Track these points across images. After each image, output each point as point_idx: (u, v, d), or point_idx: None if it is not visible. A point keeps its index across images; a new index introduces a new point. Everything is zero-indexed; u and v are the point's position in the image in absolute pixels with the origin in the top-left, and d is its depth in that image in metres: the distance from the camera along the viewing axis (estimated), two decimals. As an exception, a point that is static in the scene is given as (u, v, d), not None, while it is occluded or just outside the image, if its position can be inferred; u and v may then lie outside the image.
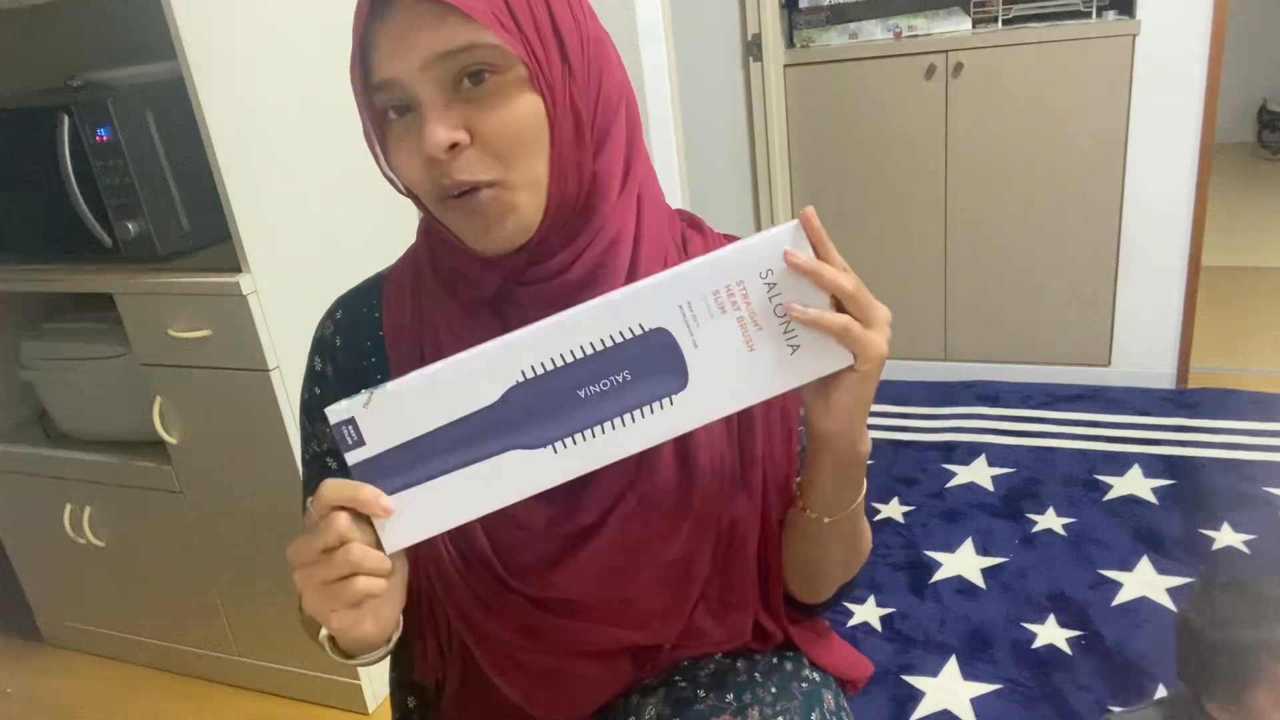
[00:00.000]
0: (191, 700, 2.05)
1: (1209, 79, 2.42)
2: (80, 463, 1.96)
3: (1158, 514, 2.18)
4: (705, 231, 0.83)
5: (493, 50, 0.64)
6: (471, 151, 0.65)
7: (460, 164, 0.65)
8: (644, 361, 0.61)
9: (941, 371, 2.97)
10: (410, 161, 0.67)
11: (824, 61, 2.78)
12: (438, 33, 0.63)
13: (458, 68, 0.64)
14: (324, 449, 0.83)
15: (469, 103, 0.65)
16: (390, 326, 0.79)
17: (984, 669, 1.80)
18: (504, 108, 0.65)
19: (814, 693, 0.86)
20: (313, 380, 0.83)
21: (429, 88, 0.64)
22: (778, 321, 0.61)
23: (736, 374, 0.62)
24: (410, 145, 0.66)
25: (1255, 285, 3.29)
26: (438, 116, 0.64)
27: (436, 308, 0.76)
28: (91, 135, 1.62)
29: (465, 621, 0.80)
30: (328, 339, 0.82)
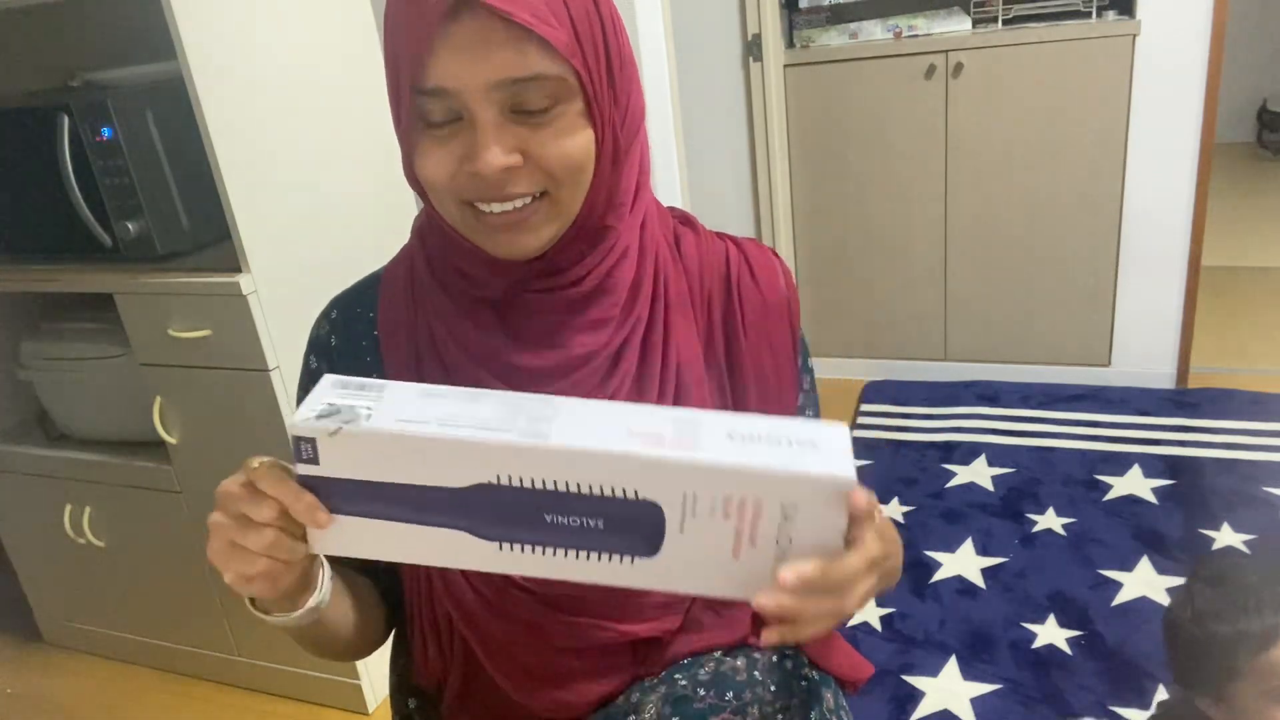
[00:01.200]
0: (191, 700, 2.05)
1: (1209, 79, 2.42)
2: (80, 463, 1.96)
3: (1158, 514, 2.18)
4: (698, 229, 0.84)
5: (559, 82, 0.64)
6: (522, 174, 0.65)
7: (512, 182, 0.65)
8: (623, 521, 0.57)
9: (941, 371, 2.97)
10: (442, 167, 0.66)
11: (824, 61, 2.78)
12: (512, 56, 0.62)
13: (523, 95, 0.63)
14: None
15: (525, 127, 0.65)
16: (385, 326, 0.79)
17: (984, 669, 1.80)
18: (563, 139, 0.65)
19: (814, 691, 0.87)
20: (309, 379, 0.83)
21: (489, 108, 0.63)
22: (774, 547, 0.58)
23: (708, 568, 0.59)
24: (449, 154, 0.65)
25: (1255, 285, 3.29)
26: (494, 138, 0.63)
27: (432, 307, 0.76)
28: (91, 135, 1.62)
29: (468, 621, 0.80)
30: (324, 339, 0.82)
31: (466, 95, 0.63)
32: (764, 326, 0.81)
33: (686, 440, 0.56)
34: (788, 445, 0.56)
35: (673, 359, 0.77)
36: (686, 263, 0.80)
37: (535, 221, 0.68)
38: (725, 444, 0.56)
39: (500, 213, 0.67)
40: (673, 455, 0.55)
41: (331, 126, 1.77)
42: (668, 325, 0.77)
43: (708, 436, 0.56)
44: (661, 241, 0.79)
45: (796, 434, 0.57)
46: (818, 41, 2.81)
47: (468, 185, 0.66)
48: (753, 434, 0.57)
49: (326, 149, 1.76)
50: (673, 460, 0.55)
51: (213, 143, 1.52)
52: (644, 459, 0.55)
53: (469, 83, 0.62)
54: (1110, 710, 1.66)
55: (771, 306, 0.81)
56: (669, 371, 0.77)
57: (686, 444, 0.56)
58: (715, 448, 0.56)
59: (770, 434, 0.57)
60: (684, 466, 0.55)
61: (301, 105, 1.70)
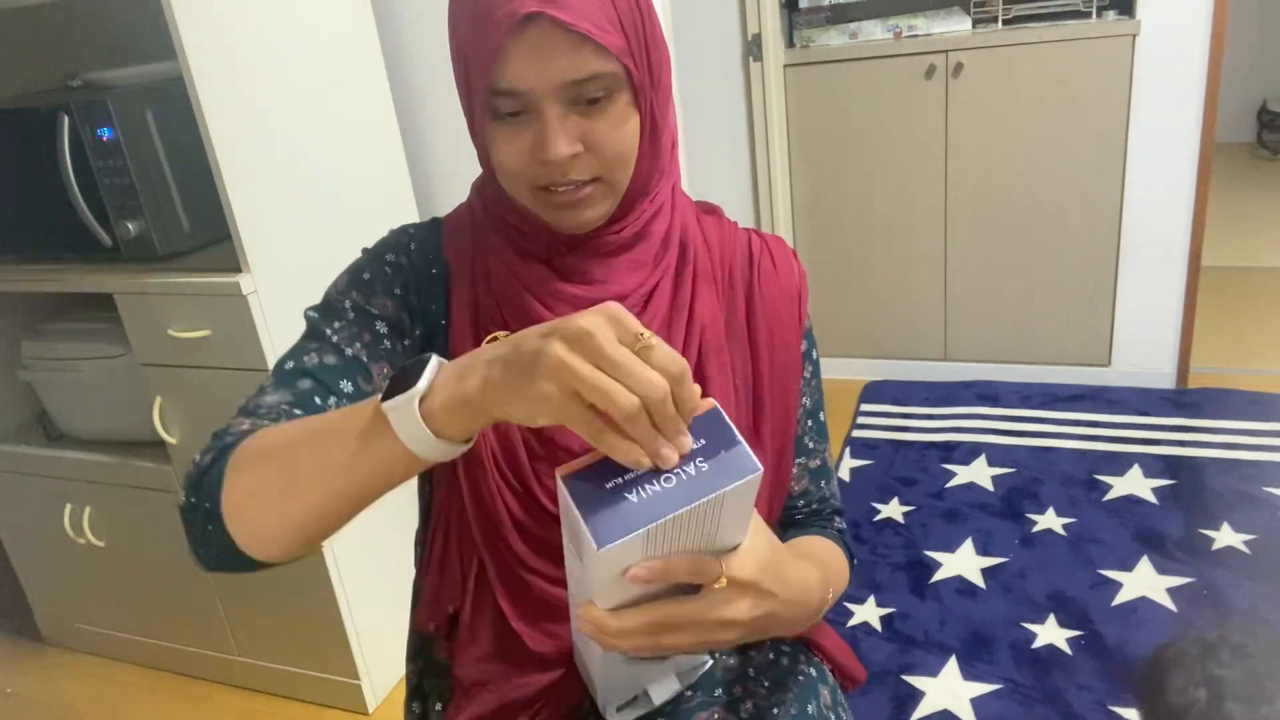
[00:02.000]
0: (191, 700, 2.06)
1: (1209, 79, 2.42)
2: (80, 463, 1.96)
3: (1158, 514, 2.18)
4: (722, 217, 0.92)
5: (612, 77, 0.72)
6: (583, 157, 0.74)
7: (574, 168, 0.74)
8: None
9: (941, 371, 2.97)
10: (517, 156, 0.75)
11: (824, 61, 2.78)
12: (573, 60, 0.70)
13: (583, 89, 0.72)
14: (377, 313, 0.81)
15: (585, 118, 0.74)
16: (451, 251, 0.87)
17: (984, 669, 1.80)
18: (617, 127, 0.75)
19: (810, 686, 0.88)
20: (382, 264, 0.84)
21: (554, 104, 0.72)
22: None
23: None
24: (522, 144, 0.74)
25: (1255, 285, 3.29)
26: (560, 129, 0.72)
27: (489, 248, 0.85)
28: (91, 135, 1.62)
29: (488, 537, 0.83)
30: (403, 244, 0.87)
31: (535, 95, 0.72)
32: (778, 308, 0.89)
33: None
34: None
35: (697, 320, 0.85)
36: (709, 241, 0.88)
37: (594, 200, 0.77)
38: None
39: (565, 192, 0.76)
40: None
41: (332, 126, 1.77)
42: (694, 290, 0.85)
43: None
44: (689, 214, 0.88)
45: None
46: (818, 41, 2.81)
47: (539, 172, 0.75)
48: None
49: (327, 149, 1.76)
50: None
51: (213, 143, 1.52)
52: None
53: (536, 84, 0.71)
54: (1110, 710, 1.66)
55: (785, 292, 0.90)
56: (694, 329, 0.84)
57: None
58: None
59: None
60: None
61: (302, 106, 1.70)
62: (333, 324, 0.80)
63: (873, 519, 2.30)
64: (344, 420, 0.63)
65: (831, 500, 0.97)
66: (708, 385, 0.84)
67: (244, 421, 0.72)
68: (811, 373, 0.93)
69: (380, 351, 0.81)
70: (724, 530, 0.62)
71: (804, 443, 0.93)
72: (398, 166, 1.94)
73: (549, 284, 0.82)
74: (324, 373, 0.77)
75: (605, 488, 0.58)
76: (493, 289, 0.84)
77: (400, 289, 0.84)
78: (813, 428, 0.94)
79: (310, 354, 0.78)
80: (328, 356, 0.78)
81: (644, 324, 0.75)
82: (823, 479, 0.95)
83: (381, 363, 0.81)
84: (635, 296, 0.83)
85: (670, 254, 0.85)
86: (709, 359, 0.84)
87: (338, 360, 0.78)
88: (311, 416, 0.69)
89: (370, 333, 0.81)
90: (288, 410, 0.73)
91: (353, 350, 0.79)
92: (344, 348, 0.79)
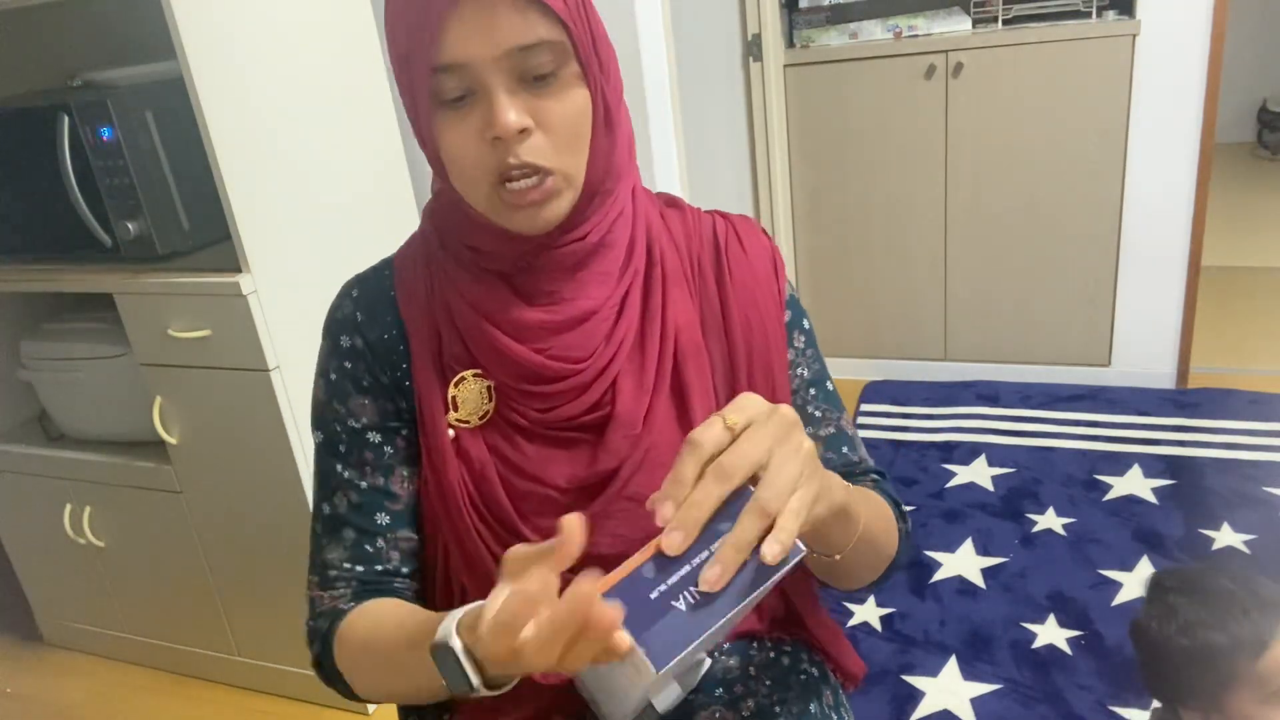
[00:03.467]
0: (191, 700, 2.06)
1: (1209, 79, 2.42)
2: (80, 463, 1.96)
3: (1158, 514, 2.18)
4: (684, 208, 0.89)
5: (558, 47, 0.69)
6: (535, 138, 0.70)
7: (526, 147, 0.70)
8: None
9: (941, 371, 2.97)
10: (467, 144, 0.70)
11: (824, 61, 2.78)
12: (518, 24, 0.67)
13: (529, 62, 0.68)
14: (362, 424, 0.83)
15: (533, 94, 0.70)
16: (405, 299, 0.83)
17: (984, 669, 1.80)
18: (566, 102, 0.71)
19: (812, 687, 0.87)
20: (340, 356, 0.84)
21: (501, 76, 0.68)
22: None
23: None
24: (470, 129, 0.70)
25: (1255, 285, 3.29)
26: (508, 102, 0.68)
27: (447, 280, 0.81)
28: (91, 135, 1.62)
29: (479, 584, 0.82)
30: (349, 316, 0.84)
31: (478, 67, 0.68)
32: (752, 290, 0.86)
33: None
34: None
35: (671, 326, 0.82)
36: (675, 237, 0.86)
37: (551, 195, 0.72)
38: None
39: (522, 187, 0.71)
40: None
41: (331, 126, 1.77)
42: (665, 295, 0.82)
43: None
44: (652, 212, 0.85)
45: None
46: (818, 41, 2.81)
47: (491, 157, 0.70)
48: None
49: (326, 149, 1.76)
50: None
51: (213, 143, 1.52)
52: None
53: (480, 54, 0.67)
54: (1110, 710, 1.66)
55: (758, 271, 0.86)
56: (668, 336, 0.81)
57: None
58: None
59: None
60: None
61: (301, 105, 1.70)
62: (337, 462, 0.84)
63: (873, 519, 2.29)
64: (414, 660, 0.71)
65: (861, 464, 0.90)
66: (687, 392, 0.81)
67: (323, 595, 0.83)
68: (805, 343, 0.89)
69: (386, 461, 0.84)
70: (759, 600, 0.60)
71: (808, 412, 0.89)
72: (397, 166, 1.94)
73: (512, 312, 0.78)
74: (357, 516, 0.84)
75: (650, 598, 0.55)
76: (455, 325, 0.81)
77: (367, 379, 0.83)
78: (816, 396, 0.89)
79: (338, 496, 0.84)
80: (351, 495, 0.84)
81: (618, 339, 0.78)
82: (843, 445, 0.90)
83: (398, 468, 0.84)
84: (606, 310, 0.80)
85: (637, 259, 0.82)
86: (686, 364, 0.82)
87: (361, 498, 0.84)
88: (383, 627, 0.77)
89: (369, 449, 0.83)
90: (349, 570, 0.83)
91: (368, 482, 0.83)
92: (359, 482, 0.84)
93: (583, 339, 0.79)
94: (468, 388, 0.80)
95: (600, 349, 0.79)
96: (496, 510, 0.80)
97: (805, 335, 0.90)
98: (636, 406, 0.80)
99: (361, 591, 0.83)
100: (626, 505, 0.79)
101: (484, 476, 0.80)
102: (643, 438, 0.79)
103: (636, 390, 0.80)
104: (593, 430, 0.80)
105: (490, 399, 0.80)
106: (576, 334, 0.79)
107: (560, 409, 0.79)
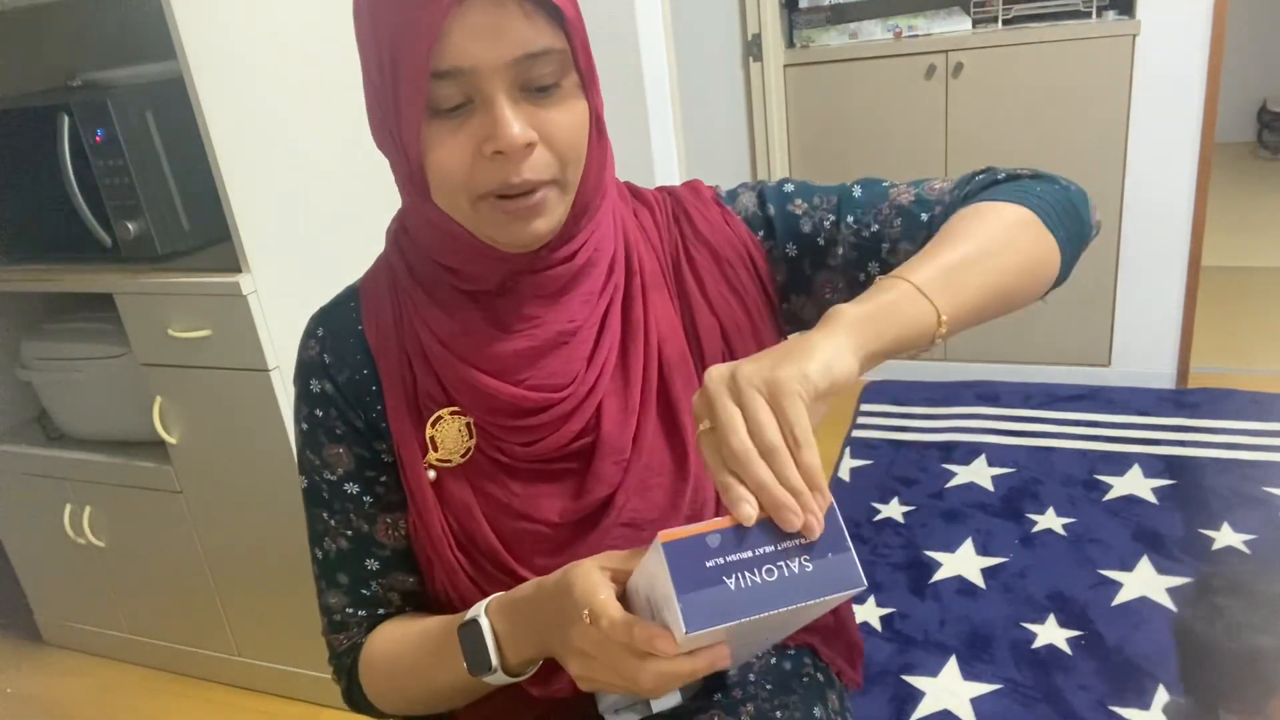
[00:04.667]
0: (191, 700, 2.05)
1: (1209, 79, 2.42)
2: (80, 463, 1.96)
3: (1158, 514, 2.18)
4: (646, 199, 0.83)
5: (561, 56, 0.65)
6: (539, 154, 0.66)
7: (530, 165, 0.65)
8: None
9: (941, 371, 2.97)
10: (461, 157, 0.66)
11: (824, 61, 2.78)
12: (527, 31, 0.63)
13: (534, 71, 0.64)
14: (339, 475, 0.81)
15: (535, 105, 0.65)
16: (373, 335, 0.79)
17: (984, 669, 1.79)
18: (567, 112, 0.67)
19: (816, 689, 0.86)
20: (312, 403, 0.80)
21: (504, 85, 0.64)
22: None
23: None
24: (464, 139, 0.65)
25: (1255, 285, 3.29)
26: (512, 114, 0.64)
27: (416, 312, 0.77)
28: (91, 135, 1.62)
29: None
30: (316, 359, 0.80)
31: (481, 75, 0.63)
32: (719, 273, 0.80)
33: None
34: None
35: (654, 338, 0.78)
36: (650, 238, 0.81)
37: (547, 206, 0.68)
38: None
39: (518, 198, 0.67)
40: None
41: (332, 126, 1.76)
42: (647, 305, 0.78)
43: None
44: (627, 215, 0.80)
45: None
46: (818, 41, 2.81)
47: (488, 172, 0.65)
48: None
49: (327, 149, 1.76)
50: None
51: (213, 143, 1.52)
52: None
53: (483, 60, 0.62)
54: (1110, 710, 1.66)
55: (720, 249, 0.80)
56: (651, 351, 0.78)
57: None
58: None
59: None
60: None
61: (302, 105, 1.70)
62: (322, 510, 0.83)
63: (872, 519, 2.29)
64: (434, 666, 0.76)
65: (952, 197, 0.77)
66: (676, 407, 0.78)
67: (337, 638, 0.85)
68: (803, 201, 0.81)
69: (368, 510, 0.81)
70: (797, 624, 0.60)
71: (868, 236, 0.78)
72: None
73: (487, 345, 0.74)
74: (349, 563, 0.83)
75: (705, 566, 0.55)
76: (428, 362, 0.77)
77: (340, 426, 0.79)
78: (858, 219, 0.79)
79: (327, 541, 0.83)
80: (340, 542, 0.83)
81: (599, 360, 0.76)
82: (920, 214, 0.77)
83: (381, 515, 0.82)
84: (586, 330, 0.75)
85: (617, 274, 0.77)
86: (673, 377, 0.78)
87: (350, 544, 0.82)
88: (408, 635, 0.80)
89: (349, 500, 0.81)
90: (353, 615, 0.84)
91: (353, 529, 0.82)
92: (345, 530, 0.82)
93: (563, 364, 0.75)
94: (446, 427, 0.77)
95: (581, 374, 0.75)
96: (487, 551, 0.77)
97: (796, 196, 0.82)
98: (623, 430, 0.76)
99: (373, 628, 0.84)
100: (624, 533, 0.77)
101: (470, 517, 0.77)
102: (633, 461, 0.77)
103: (622, 413, 0.76)
104: (580, 458, 0.77)
105: (471, 435, 0.77)
106: (556, 359, 0.75)
107: (544, 441, 0.76)
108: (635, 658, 0.58)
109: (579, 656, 0.63)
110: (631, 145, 2.06)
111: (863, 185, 0.82)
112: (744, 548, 0.56)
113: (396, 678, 0.80)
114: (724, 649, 0.59)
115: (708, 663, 0.59)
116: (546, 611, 0.65)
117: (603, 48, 2.27)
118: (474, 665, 0.70)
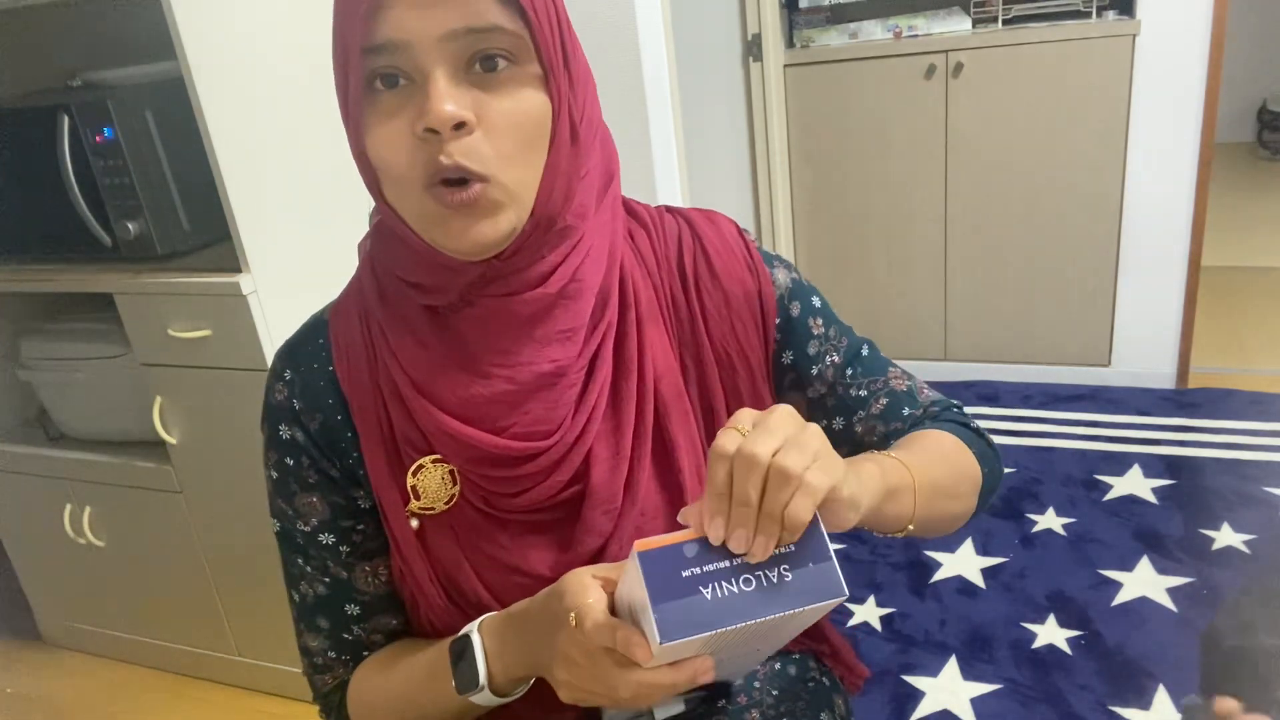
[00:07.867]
0: (191, 700, 2.05)
1: (1209, 79, 2.42)
2: (80, 463, 1.96)
3: (1158, 514, 2.18)
4: (644, 219, 0.79)
5: (514, 38, 0.61)
6: (473, 138, 0.61)
7: (461, 146, 0.60)
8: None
9: (941, 371, 2.97)
10: (396, 139, 0.61)
11: (824, 61, 2.78)
12: (468, 4, 0.59)
13: (476, 48, 0.60)
14: (313, 526, 0.78)
15: (478, 88, 0.61)
16: (345, 376, 0.74)
17: (984, 669, 1.79)
18: (515, 100, 0.61)
19: (821, 695, 0.85)
20: (282, 450, 0.76)
21: (442, 60, 0.59)
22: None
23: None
24: (401, 122, 0.61)
25: (1255, 285, 3.29)
26: (447, 90, 0.59)
27: (388, 347, 0.72)
28: (91, 135, 1.62)
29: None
30: (285, 404, 0.75)
31: (417, 48, 0.59)
32: (728, 319, 0.77)
33: None
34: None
35: (649, 375, 0.73)
36: (647, 265, 0.76)
37: (487, 206, 0.62)
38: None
39: (448, 184, 0.62)
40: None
41: (332, 126, 1.75)
42: (641, 339, 0.73)
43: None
44: (626, 244, 0.75)
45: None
46: (818, 41, 2.81)
47: (422, 153, 0.61)
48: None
49: (327, 149, 1.76)
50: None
51: (213, 143, 1.52)
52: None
53: (420, 33, 0.59)
54: (1110, 710, 1.66)
55: (734, 297, 0.77)
56: (646, 392, 0.73)
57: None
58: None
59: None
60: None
61: (302, 105, 1.70)
62: (297, 555, 0.80)
63: (873, 519, 2.29)
64: (425, 692, 0.74)
65: (926, 411, 0.84)
66: (673, 450, 0.74)
67: (324, 678, 0.83)
68: (823, 324, 0.81)
69: (346, 559, 0.78)
70: (786, 635, 0.59)
71: (853, 395, 0.81)
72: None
73: (462, 388, 0.69)
74: (327, 608, 0.81)
75: (681, 575, 0.54)
76: (404, 404, 0.72)
77: (313, 475, 0.75)
78: (856, 374, 0.82)
79: (303, 585, 0.81)
80: (317, 588, 0.80)
81: (589, 404, 0.72)
82: (901, 408, 0.82)
83: (359, 564, 0.79)
84: (574, 372, 0.70)
85: (610, 311, 0.72)
86: (669, 418, 0.74)
87: (326, 590, 0.80)
88: (391, 675, 0.78)
89: (324, 549, 0.78)
90: (335, 658, 0.82)
91: (330, 576, 0.79)
92: (322, 576, 0.80)
93: (547, 410, 0.70)
94: (428, 475, 0.73)
95: (569, 420, 0.70)
96: (475, 602, 0.74)
97: (820, 315, 0.81)
98: (614, 478, 0.72)
99: (357, 664, 0.82)
100: None
101: (459, 569, 0.74)
102: (625, 509, 0.73)
103: (613, 459, 0.72)
104: (568, 507, 0.73)
105: (455, 482, 0.73)
106: (540, 403, 0.70)
107: (530, 492, 0.71)
108: (616, 666, 0.58)
109: (565, 662, 0.61)
110: (631, 146, 2.06)
111: (870, 349, 0.86)
112: (722, 557, 0.55)
113: (389, 706, 0.78)
114: (707, 661, 0.58)
115: (689, 675, 0.58)
116: (538, 619, 0.65)
117: (603, 48, 2.26)
118: (462, 683, 0.69)
